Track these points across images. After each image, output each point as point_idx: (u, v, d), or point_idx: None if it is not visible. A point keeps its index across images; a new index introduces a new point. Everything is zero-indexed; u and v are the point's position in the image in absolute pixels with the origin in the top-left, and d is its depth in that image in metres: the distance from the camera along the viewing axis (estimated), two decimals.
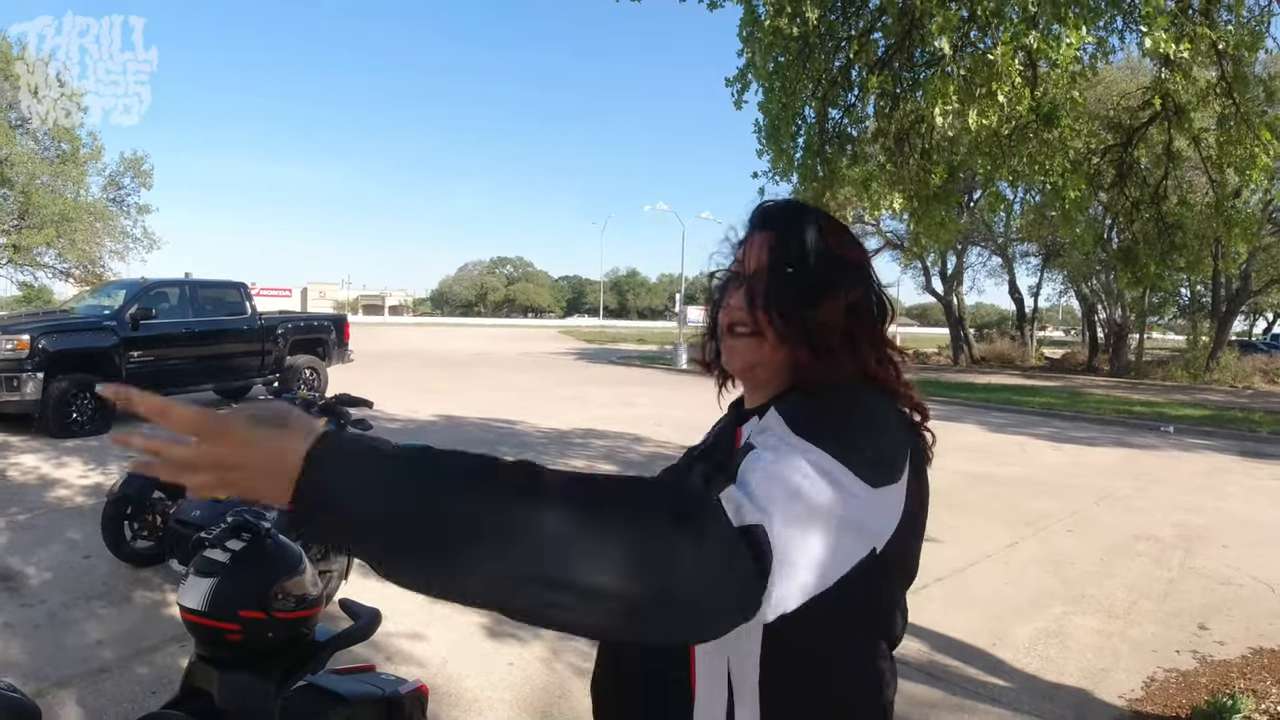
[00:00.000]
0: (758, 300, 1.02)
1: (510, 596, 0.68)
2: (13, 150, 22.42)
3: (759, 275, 1.03)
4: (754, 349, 1.04)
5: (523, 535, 0.67)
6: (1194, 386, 22.75)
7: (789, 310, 1.00)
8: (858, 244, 1.10)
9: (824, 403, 0.93)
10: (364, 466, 0.70)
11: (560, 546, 0.67)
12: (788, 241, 1.04)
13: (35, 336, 9.29)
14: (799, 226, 1.05)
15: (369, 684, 2.11)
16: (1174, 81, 5.30)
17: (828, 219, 1.08)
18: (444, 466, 0.73)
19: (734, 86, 5.61)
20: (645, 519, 0.70)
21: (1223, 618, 4.69)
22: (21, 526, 5.67)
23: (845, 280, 1.02)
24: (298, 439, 0.71)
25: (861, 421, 0.91)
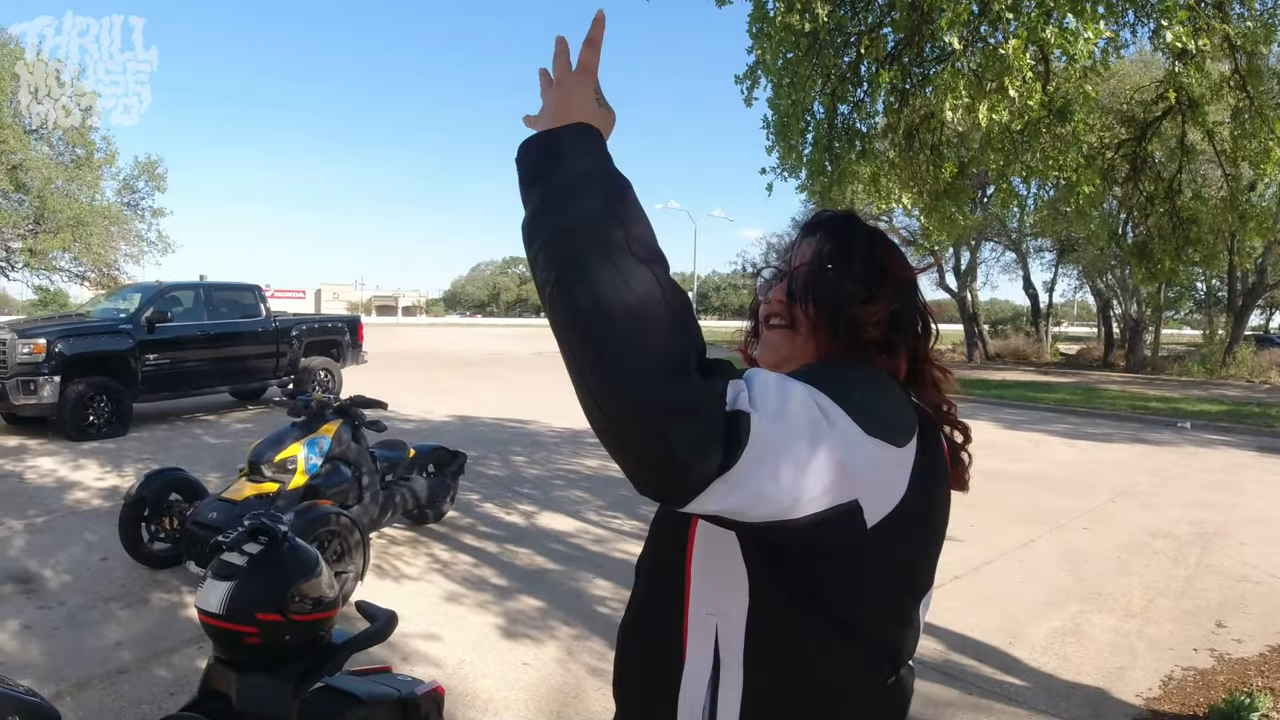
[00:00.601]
0: (796, 292, 1.06)
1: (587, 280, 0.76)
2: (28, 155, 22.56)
3: (800, 270, 1.08)
4: (786, 341, 1.07)
5: (633, 275, 0.77)
6: (1210, 382, 22.57)
7: (826, 303, 1.03)
8: (905, 261, 1.12)
9: (826, 365, 0.98)
10: (600, 157, 0.86)
11: (648, 303, 0.76)
12: (831, 244, 1.08)
13: (52, 340, 9.37)
14: (846, 232, 1.10)
15: (385, 685, 2.12)
16: (1187, 75, 5.25)
17: (878, 233, 1.12)
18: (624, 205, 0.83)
19: (743, 83, 5.60)
20: (696, 340, 0.77)
21: (1240, 615, 4.66)
22: (39, 529, 5.72)
23: (887, 290, 1.05)
24: (596, 116, 0.91)
25: (862, 383, 0.92)
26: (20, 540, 5.44)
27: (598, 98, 0.93)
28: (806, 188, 6.06)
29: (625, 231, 0.79)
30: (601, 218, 0.79)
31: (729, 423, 0.74)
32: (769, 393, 0.79)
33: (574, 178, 0.82)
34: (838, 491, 0.82)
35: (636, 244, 0.79)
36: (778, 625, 0.94)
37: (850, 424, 0.82)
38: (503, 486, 7.36)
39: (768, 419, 0.76)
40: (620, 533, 5.90)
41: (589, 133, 0.87)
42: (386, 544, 5.55)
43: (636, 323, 0.74)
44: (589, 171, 0.83)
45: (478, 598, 4.61)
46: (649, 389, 0.72)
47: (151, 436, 9.75)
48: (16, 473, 7.55)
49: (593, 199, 0.81)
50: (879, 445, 0.85)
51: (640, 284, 0.76)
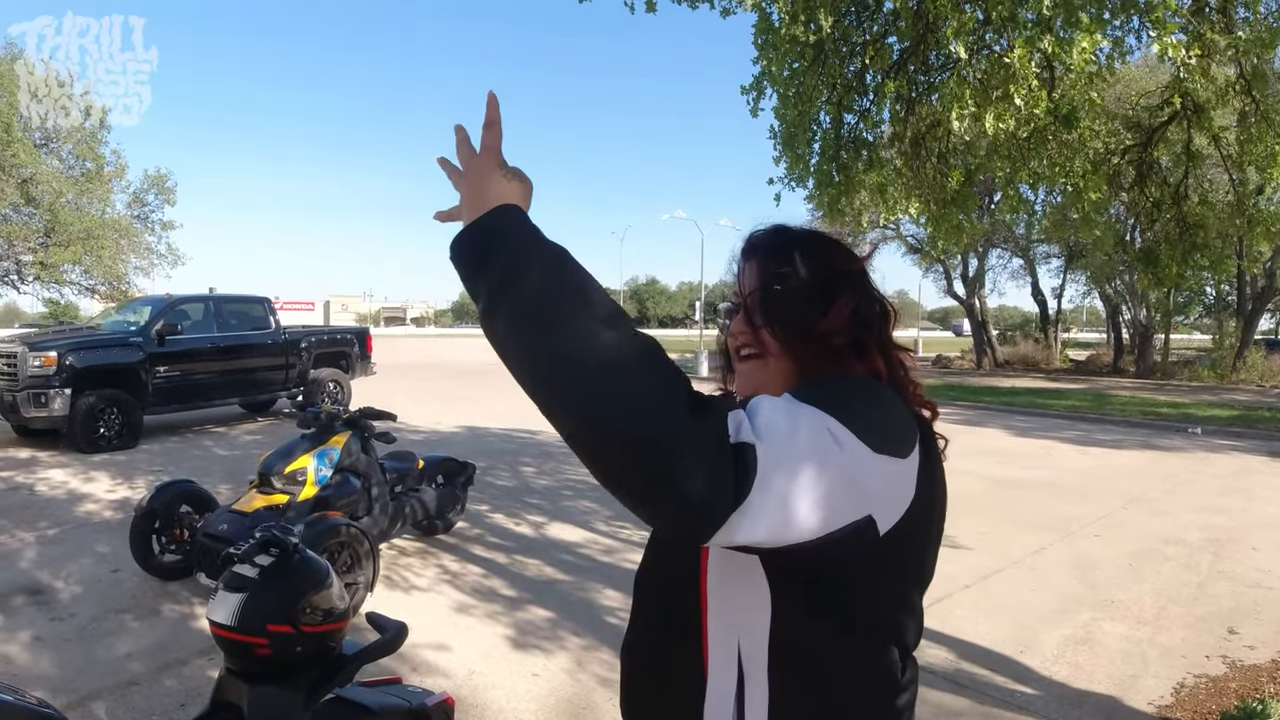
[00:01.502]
0: (756, 319, 1.06)
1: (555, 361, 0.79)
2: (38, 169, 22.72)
3: (753, 297, 1.08)
4: (760, 369, 1.08)
5: (593, 344, 0.78)
6: (1220, 386, 22.45)
7: (788, 321, 1.04)
8: (850, 254, 1.12)
9: (824, 382, 0.96)
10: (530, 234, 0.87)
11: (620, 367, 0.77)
12: (775, 259, 1.08)
13: (63, 353, 9.44)
14: (782, 246, 1.09)
15: (396, 696, 2.12)
16: (1193, 80, 5.25)
17: (815, 235, 1.12)
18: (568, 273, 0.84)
19: (750, 94, 5.62)
20: (681, 389, 0.77)
21: (1252, 622, 4.63)
22: (51, 541, 5.75)
23: (839, 286, 1.05)
24: (511, 193, 0.92)
25: (863, 398, 0.93)
26: (31, 552, 5.47)
27: (504, 173, 0.94)
28: (814, 198, 6.08)
29: (575, 300, 0.80)
30: (548, 295, 0.81)
31: (735, 456, 0.75)
32: (776, 420, 0.80)
33: (510, 264, 0.84)
34: (852, 509, 0.84)
35: (590, 307, 0.80)
36: (801, 633, 0.94)
37: (858, 443, 0.83)
38: (512, 497, 7.36)
39: (776, 446, 0.77)
40: (629, 543, 5.90)
41: (510, 214, 0.89)
42: (396, 555, 5.56)
43: (617, 385, 0.76)
44: (523, 253, 0.85)
45: (487, 608, 4.61)
46: (645, 444, 0.73)
47: (162, 448, 9.79)
48: (28, 485, 7.59)
49: (534, 279, 0.82)
50: (887, 460, 0.86)
51: (608, 346, 0.77)
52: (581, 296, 0.81)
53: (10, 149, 21.36)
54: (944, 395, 18.28)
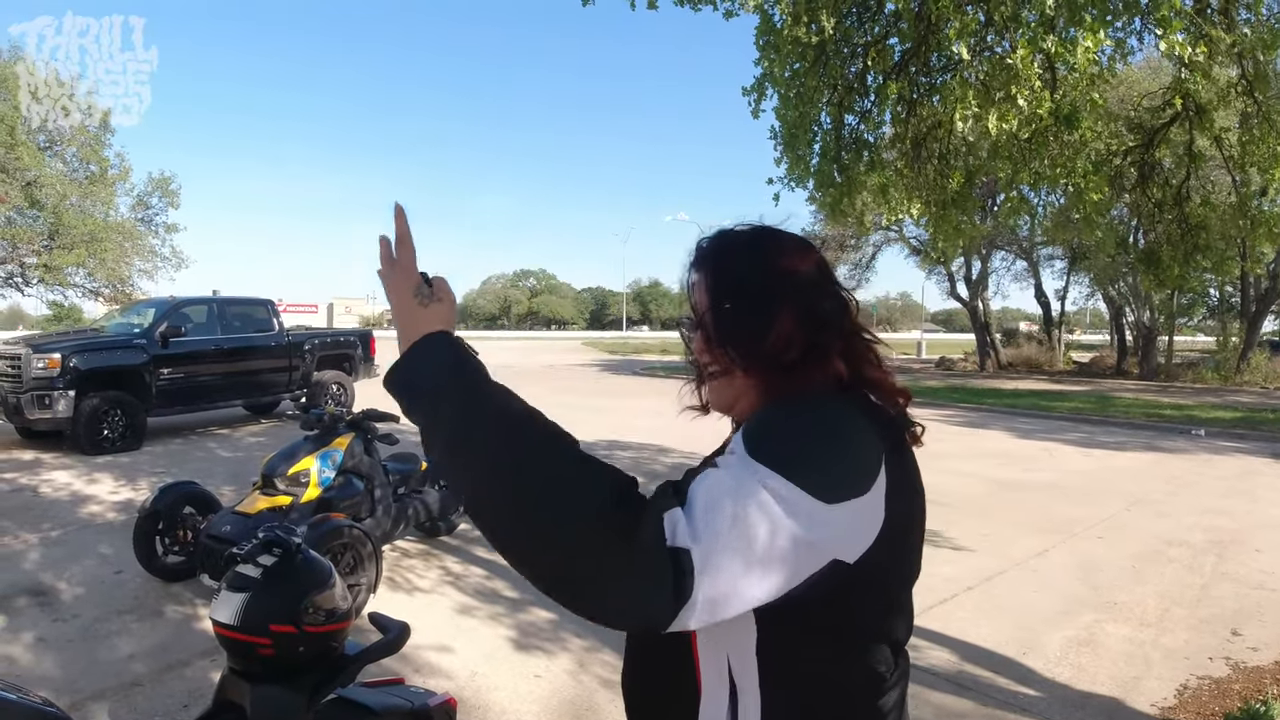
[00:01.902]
0: (712, 340, 1.05)
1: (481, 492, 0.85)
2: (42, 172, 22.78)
3: (706, 315, 1.05)
4: (728, 386, 1.07)
5: (508, 471, 0.83)
6: (1224, 388, 22.41)
7: (740, 342, 1.02)
8: (797, 250, 1.08)
9: (783, 421, 0.93)
10: (449, 363, 0.93)
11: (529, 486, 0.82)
12: (721, 274, 1.06)
13: (66, 355, 9.46)
14: (729, 255, 1.07)
15: (398, 697, 2.13)
16: (1194, 81, 5.26)
17: (756, 238, 1.09)
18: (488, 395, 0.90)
19: (751, 95, 5.62)
20: (596, 511, 0.80)
21: (1256, 623, 4.62)
22: (54, 542, 5.76)
23: (787, 294, 1.02)
24: (433, 322, 0.98)
25: (820, 439, 0.91)
26: (35, 554, 5.49)
27: (421, 299, 0.99)
28: (815, 198, 6.08)
29: (488, 432, 0.86)
30: (459, 435, 0.87)
31: (672, 562, 0.78)
32: (716, 505, 0.81)
33: (429, 404, 0.91)
34: (810, 565, 0.85)
35: (504, 437, 0.86)
36: (789, 645, 0.94)
37: (812, 503, 0.83)
38: None
39: (715, 541, 0.79)
40: None
41: (427, 348, 0.95)
42: (399, 556, 5.56)
43: (535, 521, 0.81)
44: (436, 393, 0.91)
45: (490, 610, 4.61)
46: (570, 576, 0.80)
47: (165, 450, 9.81)
48: (31, 486, 7.60)
49: (449, 417, 0.88)
50: (844, 506, 0.86)
51: (524, 479, 0.83)
52: (494, 427, 0.87)
53: (14, 151, 21.42)
54: (947, 397, 18.27)
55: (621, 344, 54.84)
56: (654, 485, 0.89)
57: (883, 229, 29.08)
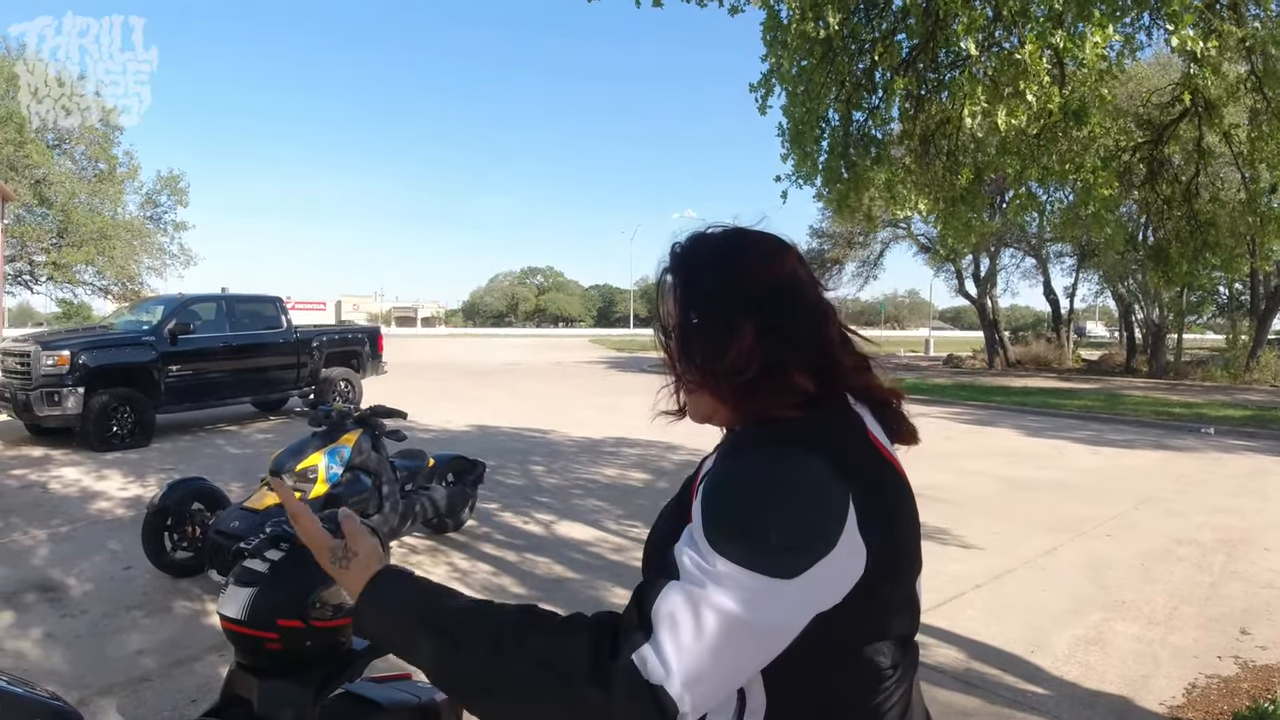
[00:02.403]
0: (679, 355, 1.04)
1: (467, 703, 0.94)
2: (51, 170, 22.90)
3: (674, 331, 1.04)
4: (704, 401, 1.06)
5: (480, 685, 0.91)
6: (1234, 386, 22.31)
7: (704, 360, 1.00)
8: (768, 257, 1.05)
9: (736, 488, 0.91)
10: (389, 610, 1.02)
11: (500, 687, 0.90)
12: (689, 285, 1.03)
13: (76, 352, 9.50)
14: (698, 264, 1.04)
15: (405, 692, 2.13)
16: (1203, 77, 5.22)
17: (728, 243, 1.05)
18: (443, 622, 0.97)
19: (758, 92, 5.61)
20: (570, 675, 0.85)
21: (1265, 622, 4.60)
22: (63, 538, 5.79)
23: (749, 308, 0.99)
24: (352, 587, 1.05)
25: (776, 508, 0.88)
26: (44, 549, 5.51)
27: (338, 563, 1.07)
28: (823, 195, 6.06)
29: (444, 655, 0.94)
30: (431, 662, 0.95)
31: (652, 699, 0.82)
32: (679, 626, 0.84)
33: (394, 650, 1.00)
34: (789, 635, 0.88)
35: (459, 654, 0.92)
36: (792, 655, 0.91)
37: (776, 585, 0.84)
38: (521, 495, 7.37)
39: (686, 661, 0.82)
40: (638, 541, 5.89)
41: (367, 609, 1.02)
42: (406, 553, 5.57)
43: (523, 697, 0.88)
44: (389, 641, 1.01)
45: None
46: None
47: (174, 447, 9.85)
48: (41, 483, 7.64)
49: (419, 649, 0.96)
50: (812, 573, 0.85)
51: (489, 685, 0.90)
52: (450, 656, 0.93)
53: (23, 149, 21.52)
54: (955, 395, 18.23)
55: (629, 341, 54.83)
56: (661, 483, 0.90)
57: (891, 225, 29.04)
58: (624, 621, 0.88)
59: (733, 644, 0.84)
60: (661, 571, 0.89)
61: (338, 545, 1.05)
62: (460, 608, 0.98)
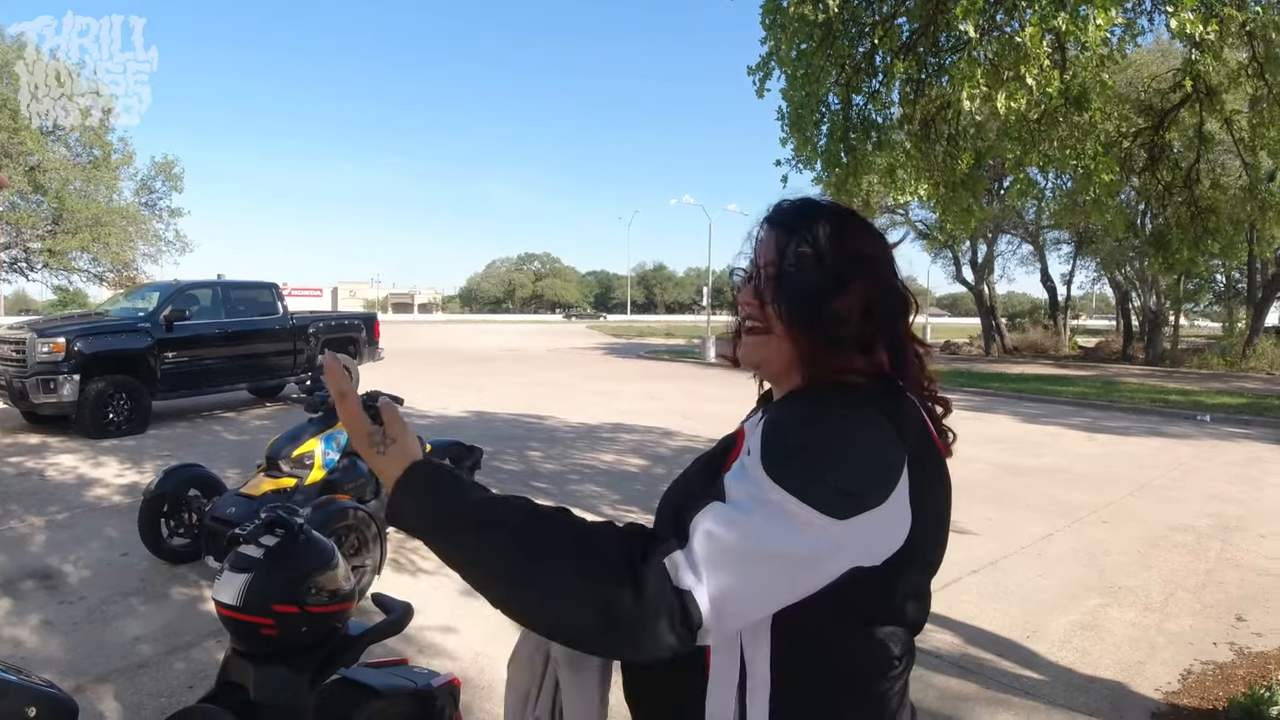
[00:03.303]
0: (765, 295, 1.04)
1: (498, 596, 0.93)
2: (45, 157, 22.78)
3: (767, 271, 1.05)
4: (761, 345, 1.07)
5: (511, 573, 0.91)
6: (1230, 374, 22.36)
7: (795, 304, 1.01)
8: (875, 237, 1.10)
9: (799, 429, 0.93)
10: (426, 499, 0.98)
11: (533, 580, 0.89)
12: (795, 237, 1.04)
13: (71, 339, 9.47)
14: (807, 222, 1.05)
15: (402, 677, 2.13)
16: (1205, 63, 5.19)
17: (842, 213, 1.08)
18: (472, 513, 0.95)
19: (756, 75, 5.57)
20: (602, 571, 0.85)
21: (1260, 609, 4.61)
22: (60, 525, 5.78)
23: (857, 275, 1.02)
24: (396, 466, 1.00)
25: (836, 451, 0.89)
26: (41, 537, 5.50)
27: (378, 448, 1.02)
28: (822, 180, 6.03)
29: (477, 539, 0.93)
30: (457, 558, 0.95)
31: (679, 603, 0.83)
32: (716, 538, 0.85)
33: (428, 531, 0.97)
34: (823, 577, 0.88)
35: (491, 540, 0.92)
36: (806, 624, 0.92)
37: (826, 521, 0.84)
38: (519, 481, 7.37)
39: (718, 571, 0.84)
40: None
41: (405, 491, 0.98)
42: (403, 539, 5.57)
43: (546, 603, 0.88)
44: (427, 527, 0.97)
45: None
46: (592, 637, 0.87)
47: (171, 434, 9.84)
48: (38, 470, 7.62)
49: (445, 545, 0.96)
50: (861, 519, 0.86)
51: (521, 568, 0.89)
52: (487, 540, 0.92)
53: (18, 136, 21.41)
54: (952, 381, 18.23)
55: (626, 327, 54.81)
56: (658, 468, 0.89)
57: (889, 211, 28.99)
58: (659, 531, 0.89)
59: (767, 567, 0.85)
60: (707, 493, 0.90)
61: (377, 431, 1.02)
62: (496, 499, 0.97)
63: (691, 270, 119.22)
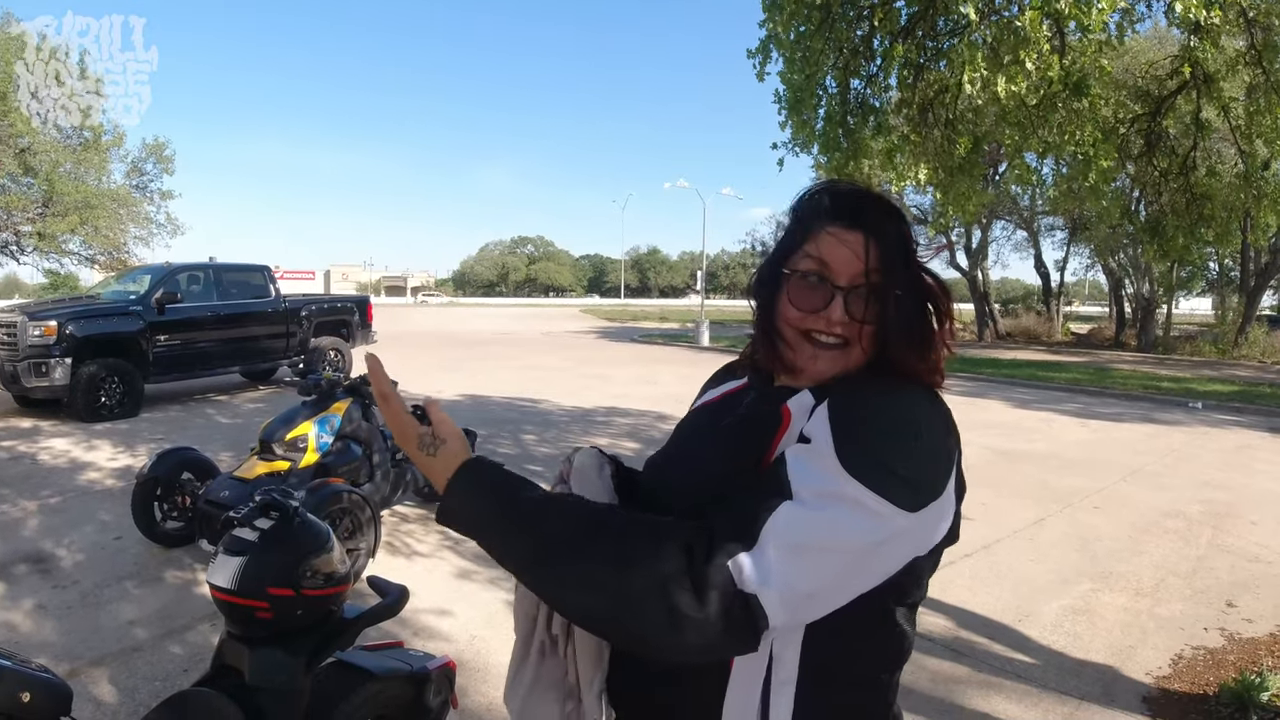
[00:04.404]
0: (863, 314, 0.97)
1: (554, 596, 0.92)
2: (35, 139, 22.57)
3: (862, 290, 0.97)
4: (842, 359, 1.00)
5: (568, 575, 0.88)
6: (1222, 362, 22.43)
7: (904, 329, 0.98)
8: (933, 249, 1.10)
9: (871, 415, 0.90)
10: (478, 499, 0.95)
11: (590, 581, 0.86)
12: (885, 249, 0.98)
13: (63, 322, 9.42)
14: (889, 229, 1.00)
15: (397, 660, 2.13)
16: (1203, 50, 5.18)
17: (901, 213, 1.03)
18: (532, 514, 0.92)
19: (756, 58, 5.54)
20: (664, 573, 0.82)
21: (1251, 595, 4.64)
22: (53, 509, 5.76)
23: (942, 302, 1.03)
24: (439, 472, 0.97)
25: (908, 441, 0.88)
26: (34, 521, 5.49)
27: (427, 450, 0.99)
28: (820, 163, 6.01)
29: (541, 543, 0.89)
30: (512, 562, 0.92)
31: (743, 608, 0.81)
32: (784, 538, 0.83)
33: (482, 535, 0.94)
34: (889, 569, 0.88)
35: (560, 542, 0.88)
36: (841, 616, 0.90)
37: (899, 514, 0.84)
38: (514, 464, 7.32)
39: (788, 578, 0.82)
40: None
41: (457, 492, 0.95)
42: (398, 521, 5.57)
43: (614, 609, 0.85)
44: (480, 529, 0.95)
45: (489, 574, 4.62)
46: (658, 644, 0.84)
47: (164, 417, 9.81)
48: (30, 454, 7.60)
49: (499, 547, 0.93)
50: (926, 511, 0.86)
51: (587, 576, 0.86)
52: (535, 544, 0.90)
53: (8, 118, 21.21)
54: (945, 366, 18.22)
55: (620, 311, 54.74)
56: (650, 452, 0.89)
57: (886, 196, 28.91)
58: (718, 529, 0.86)
59: (842, 562, 0.84)
60: (773, 489, 0.87)
61: (426, 432, 0.99)
62: (552, 498, 0.94)
63: (685, 254, 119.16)
